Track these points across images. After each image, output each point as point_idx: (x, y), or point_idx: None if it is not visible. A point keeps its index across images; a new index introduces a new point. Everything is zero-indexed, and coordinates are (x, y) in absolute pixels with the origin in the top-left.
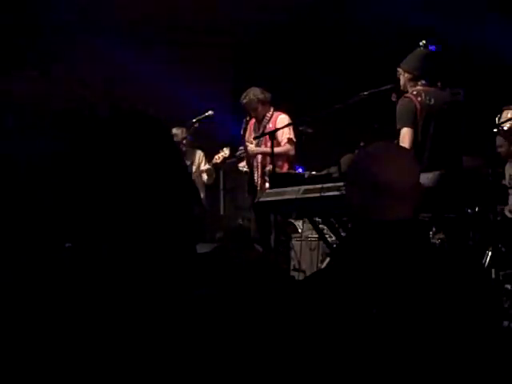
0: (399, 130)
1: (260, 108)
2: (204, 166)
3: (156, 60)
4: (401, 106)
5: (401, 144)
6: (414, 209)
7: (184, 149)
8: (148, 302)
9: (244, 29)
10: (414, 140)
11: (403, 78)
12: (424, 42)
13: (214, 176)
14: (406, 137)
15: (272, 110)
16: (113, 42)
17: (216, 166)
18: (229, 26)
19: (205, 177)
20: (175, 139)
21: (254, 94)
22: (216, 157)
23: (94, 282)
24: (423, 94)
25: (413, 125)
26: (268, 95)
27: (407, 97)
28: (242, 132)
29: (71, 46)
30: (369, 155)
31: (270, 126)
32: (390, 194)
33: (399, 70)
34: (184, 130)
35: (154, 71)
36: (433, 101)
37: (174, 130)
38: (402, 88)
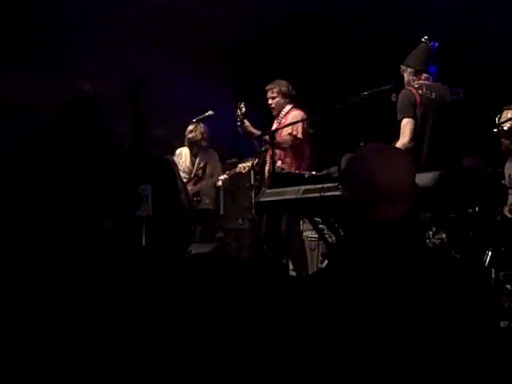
0: (400, 121)
1: (278, 99)
2: (224, 174)
3: (156, 60)
4: (401, 97)
5: (401, 135)
6: (408, 209)
7: (203, 143)
8: (149, 303)
9: (244, 29)
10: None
11: (407, 74)
12: (426, 37)
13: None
14: (406, 127)
15: (291, 106)
16: (112, 42)
17: (239, 175)
18: (229, 26)
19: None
20: (193, 135)
21: (279, 83)
22: (241, 166)
23: (96, 283)
24: (424, 88)
25: (413, 116)
26: (292, 91)
27: (408, 89)
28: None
29: (71, 44)
30: (362, 156)
31: (283, 122)
32: (383, 194)
33: (402, 66)
34: (200, 125)
35: (153, 71)
36: (434, 95)
37: (190, 127)
38: (406, 86)
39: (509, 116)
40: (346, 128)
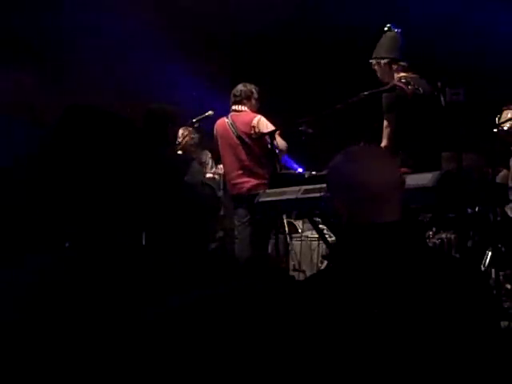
0: (385, 119)
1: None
2: (215, 168)
3: (155, 60)
4: (389, 94)
5: (383, 137)
6: (399, 210)
7: (192, 149)
8: (149, 300)
9: (243, 28)
10: (402, 130)
11: (380, 67)
12: (389, 25)
13: None
14: (385, 130)
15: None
16: (112, 42)
17: None
18: (228, 25)
19: (217, 177)
20: (181, 139)
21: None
22: None
23: (96, 280)
24: (412, 82)
25: (396, 114)
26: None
27: (396, 84)
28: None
29: (71, 48)
30: (343, 158)
31: None
32: (366, 195)
33: (373, 61)
34: (191, 129)
35: (153, 71)
36: (421, 90)
37: (181, 131)
38: (380, 79)
39: (509, 116)
40: (346, 128)
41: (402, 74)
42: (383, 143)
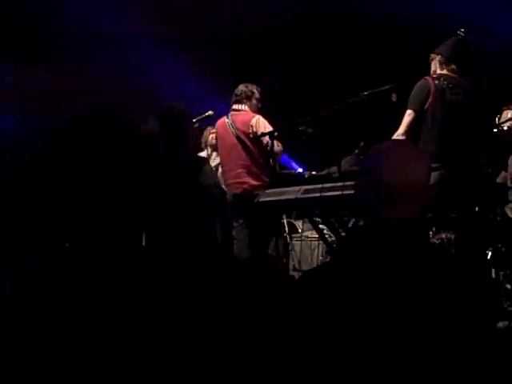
0: (407, 108)
1: None
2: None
3: (155, 60)
4: (415, 86)
5: (403, 121)
6: (418, 209)
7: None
8: (151, 302)
9: (243, 30)
10: (422, 123)
11: (434, 62)
12: (462, 30)
13: None
14: (406, 118)
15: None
16: (111, 42)
17: None
18: (228, 26)
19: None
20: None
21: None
22: None
23: (97, 282)
24: (442, 79)
25: (419, 107)
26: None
27: (425, 78)
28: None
29: (77, 44)
30: (374, 154)
31: None
32: (390, 193)
33: (432, 55)
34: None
35: (153, 71)
36: (451, 86)
37: (207, 130)
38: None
39: (509, 116)
40: (346, 128)
41: (443, 72)
42: (400, 130)
